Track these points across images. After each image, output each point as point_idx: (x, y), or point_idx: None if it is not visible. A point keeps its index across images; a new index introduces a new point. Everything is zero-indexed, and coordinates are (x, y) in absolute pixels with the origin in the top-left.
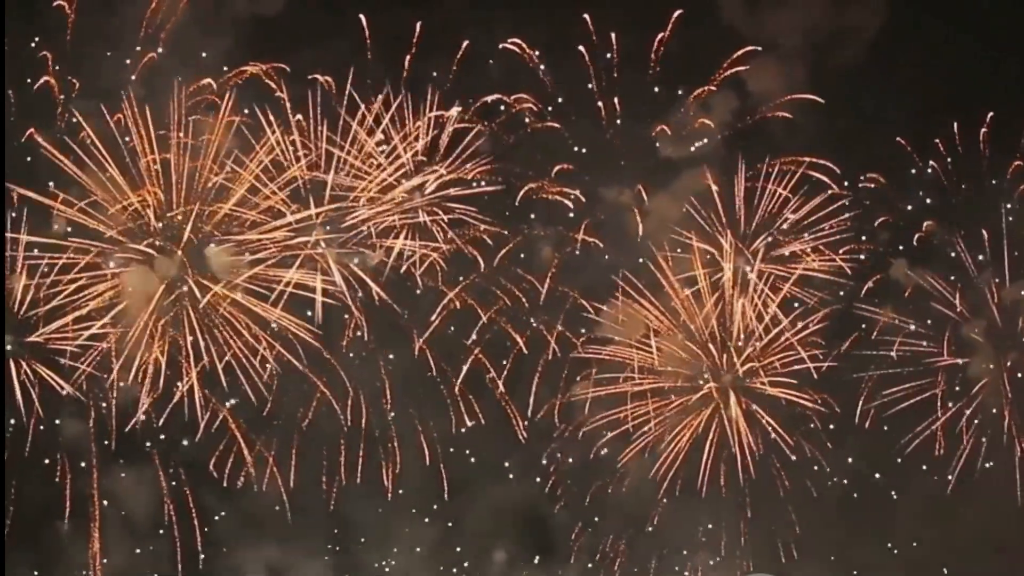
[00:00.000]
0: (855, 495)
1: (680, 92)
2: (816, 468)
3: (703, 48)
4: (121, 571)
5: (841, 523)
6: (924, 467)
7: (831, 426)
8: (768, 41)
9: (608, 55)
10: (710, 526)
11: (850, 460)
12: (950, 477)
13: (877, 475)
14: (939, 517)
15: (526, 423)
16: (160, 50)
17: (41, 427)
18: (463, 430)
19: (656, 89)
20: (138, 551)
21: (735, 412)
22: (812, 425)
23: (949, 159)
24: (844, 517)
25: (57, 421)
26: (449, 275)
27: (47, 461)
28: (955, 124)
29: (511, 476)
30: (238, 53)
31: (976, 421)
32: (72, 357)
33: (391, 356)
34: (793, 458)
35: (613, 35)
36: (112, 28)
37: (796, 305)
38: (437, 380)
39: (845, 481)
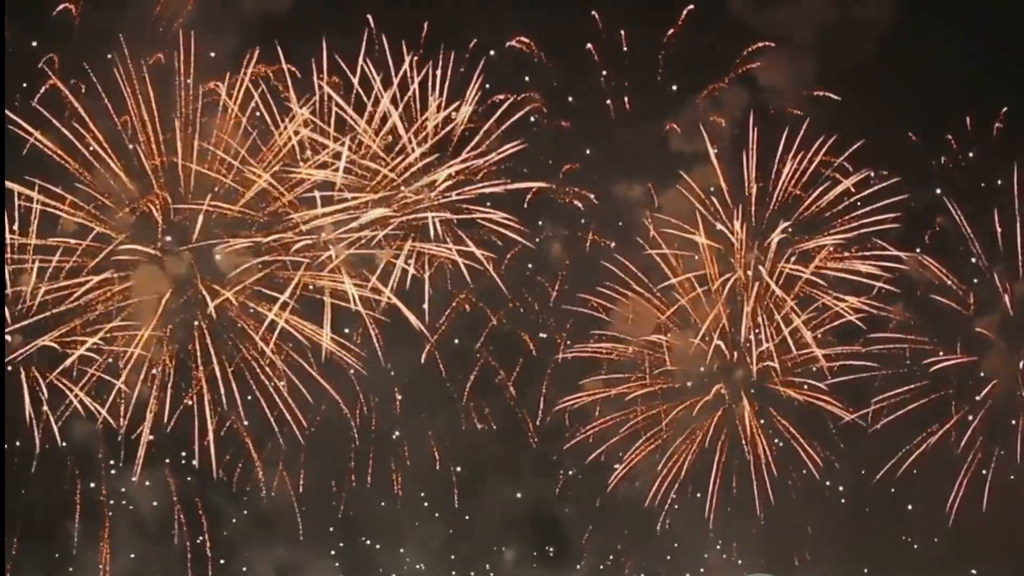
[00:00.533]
0: (867, 496)
1: (690, 89)
2: (828, 469)
3: (712, 44)
4: (130, 574)
5: (853, 524)
6: (937, 467)
7: (843, 426)
8: (778, 36)
9: (617, 52)
10: (721, 527)
11: (862, 460)
12: (963, 477)
13: (889, 475)
14: (952, 519)
15: (536, 424)
16: (167, 50)
17: (49, 432)
18: (473, 432)
19: (665, 86)
20: (147, 554)
21: (747, 412)
22: (825, 425)
23: (961, 154)
24: (856, 518)
25: (64, 425)
26: (458, 276)
27: (56, 465)
28: (967, 119)
29: (521, 477)
30: (245, 52)
31: (990, 419)
32: (81, 361)
33: (400, 358)
34: (805, 458)
35: (622, 32)
36: (118, 29)
37: (808, 303)
38: (446, 382)
39: (857, 482)
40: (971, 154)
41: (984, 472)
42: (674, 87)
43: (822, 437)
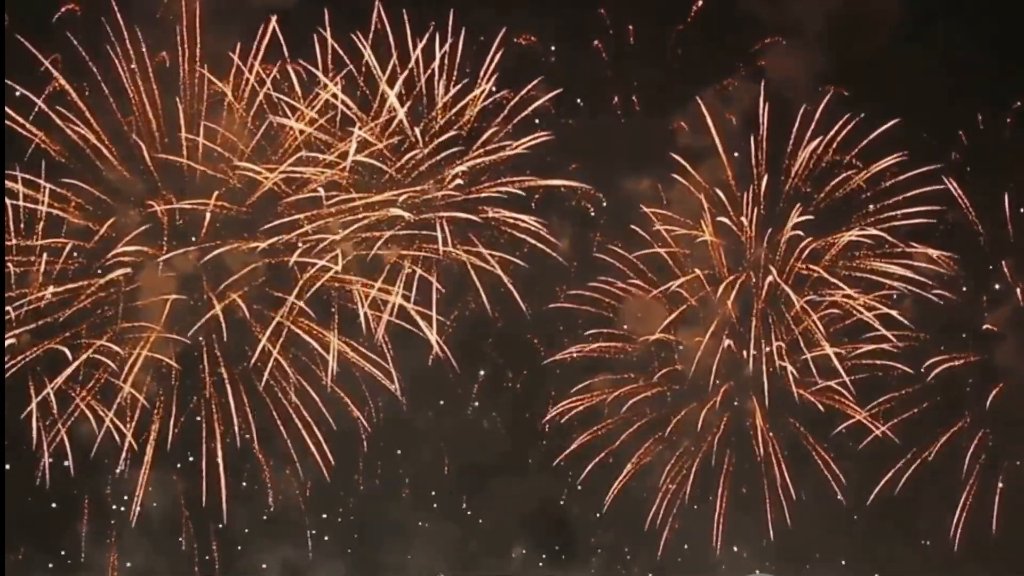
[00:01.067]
0: (878, 495)
1: (699, 84)
2: (838, 469)
3: (722, 38)
4: (138, 571)
5: (863, 525)
6: (951, 466)
7: (854, 426)
8: (788, 29)
9: (624, 48)
10: (731, 527)
11: (873, 460)
12: (975, 478)
13: (900, 475)
14: (963, 520)
15: (544, 424)
16: (171, 50)
17: (56, 435)
18: (481, 432)
19: (674, 81)
20: (155, 557)
21: (756, 411)
22: (835, 425)
23: (972, 148)
24: (866, 519)
25: (71, 428)
26: (466, 276)
27: (63, 469)
28: (979, 113)
29: (530, 477)
30: (250, 49)
31: (1001, 417)
32: (88, 363)
33: (408, 359)
34: (815, 458)
35: (630, 27)
36: (123, 29)
37: (818, 301)
38: (454, 383)
39: (868, 481)
40: (982, 148)
41: (996, 470)
42: (683, 82)
43: (832, 437)
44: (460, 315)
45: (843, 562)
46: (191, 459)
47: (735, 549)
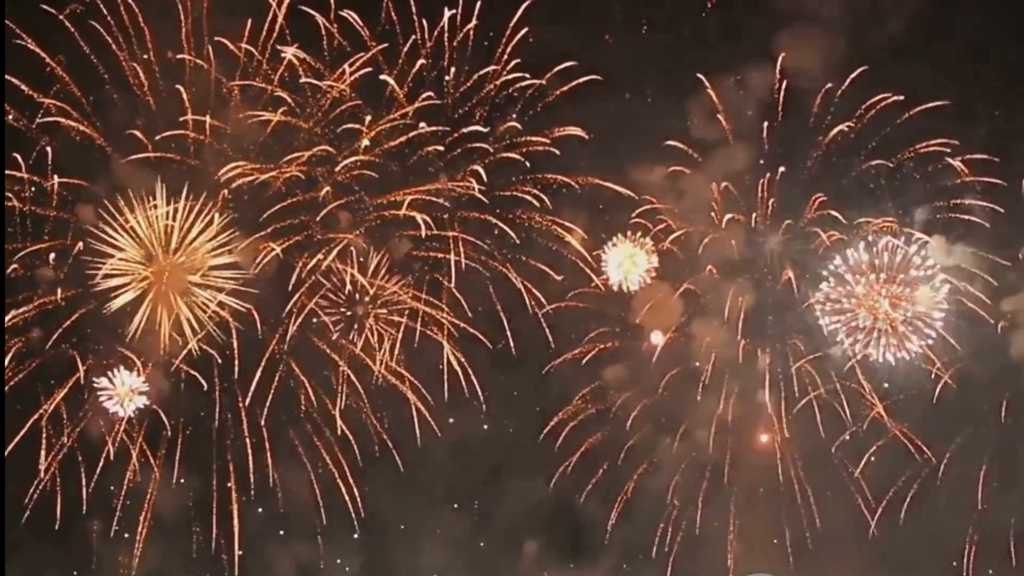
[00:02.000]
0: (895, 495)
1: (713, 73)
2: (854, 465)
3: (737, 25)
4: (149, 573)
5: (879, 524)
6: (971, 461)
7: (871, 423)
8: (806, 15)
9: (636, 38)
10: (746, 525)
11: (890, 456)
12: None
13: (917, 473)
14: (981, 515)
15: (559, 420)
16: (180, 45)
17: (63, 434)
18: (494, 429)
19: (687, 70)
20: (167, 555)
21: (772, 406)
22: (852, 421)
23: (990, 136)
24: (882, 517)
25: (84, 428)
26: (475, 272)
27: (74, 467)
28: (997, 104)
29: (543, 475)
30: (259, 46)
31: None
32: (95, 364)
33: (421, 354)
34: (831, 455)
35: (643, 19)
36: (129, 25)
37: (832, 295)
38: (466, 382)
39: (883, 479)
40: (1002, 139)
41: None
42: (696, 71)
43: (849, 437)
44: (473, 316)
45: (860, 560)
46: (200, 462)
47: (748, 551)
